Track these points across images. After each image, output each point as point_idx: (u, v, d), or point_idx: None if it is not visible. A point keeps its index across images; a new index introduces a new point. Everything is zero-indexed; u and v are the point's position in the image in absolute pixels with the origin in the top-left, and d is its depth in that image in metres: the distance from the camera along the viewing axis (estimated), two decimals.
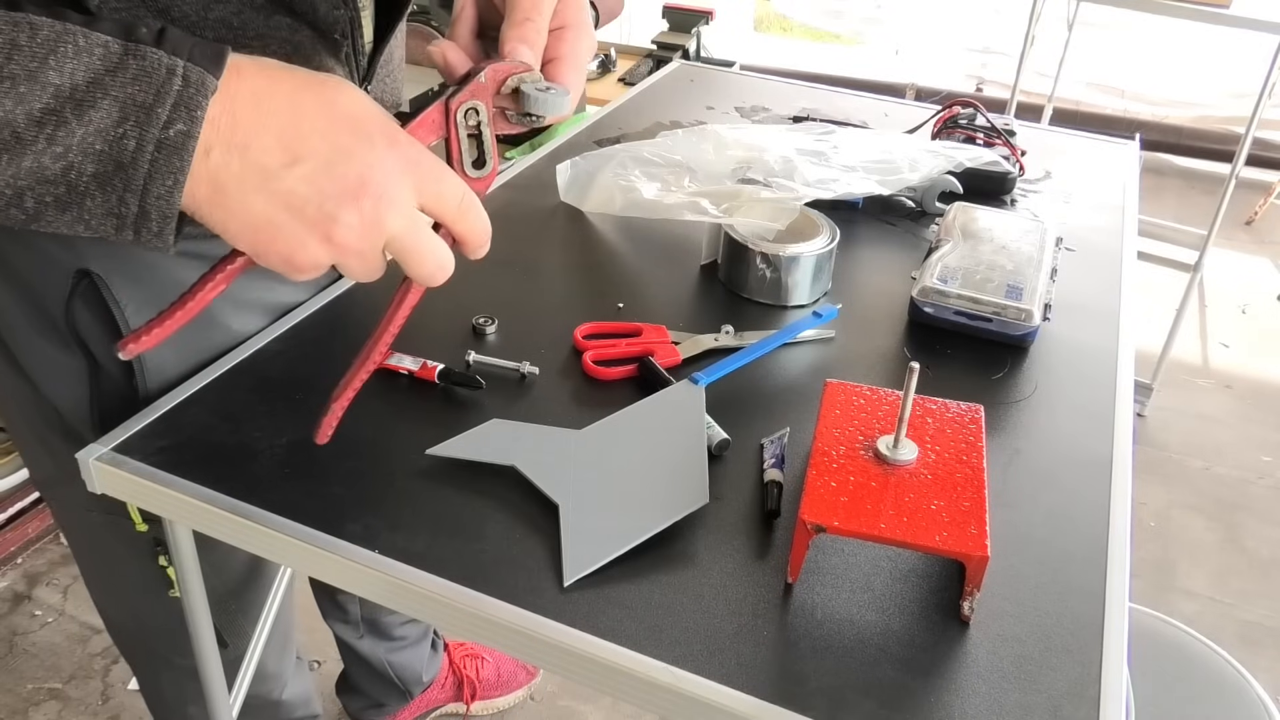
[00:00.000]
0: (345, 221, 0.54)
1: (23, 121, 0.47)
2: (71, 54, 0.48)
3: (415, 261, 0.57)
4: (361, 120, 0.54)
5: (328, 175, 0.53)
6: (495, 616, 0.61)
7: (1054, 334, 0.93)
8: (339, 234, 0.54)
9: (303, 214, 0.53)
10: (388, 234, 0.55)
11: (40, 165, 0.49)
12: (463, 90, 0.59)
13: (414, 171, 0.55)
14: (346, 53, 0.76)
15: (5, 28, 0.47)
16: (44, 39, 0.48)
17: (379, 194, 0.54)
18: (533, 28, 0.63)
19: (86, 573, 1.02)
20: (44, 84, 0.48)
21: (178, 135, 0.50)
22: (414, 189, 0.56)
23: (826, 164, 1.10)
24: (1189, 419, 2.51)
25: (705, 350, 0.87)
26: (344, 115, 0.54)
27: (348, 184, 0.53)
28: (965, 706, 0.57)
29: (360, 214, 0.54)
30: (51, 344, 0.79)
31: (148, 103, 0.49)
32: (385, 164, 0.54)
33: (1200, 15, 2.20)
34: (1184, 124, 3.92)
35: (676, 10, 2.81)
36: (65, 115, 0.48)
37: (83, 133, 0.49)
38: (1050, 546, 0.69)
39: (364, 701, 1.57)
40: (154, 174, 0.50)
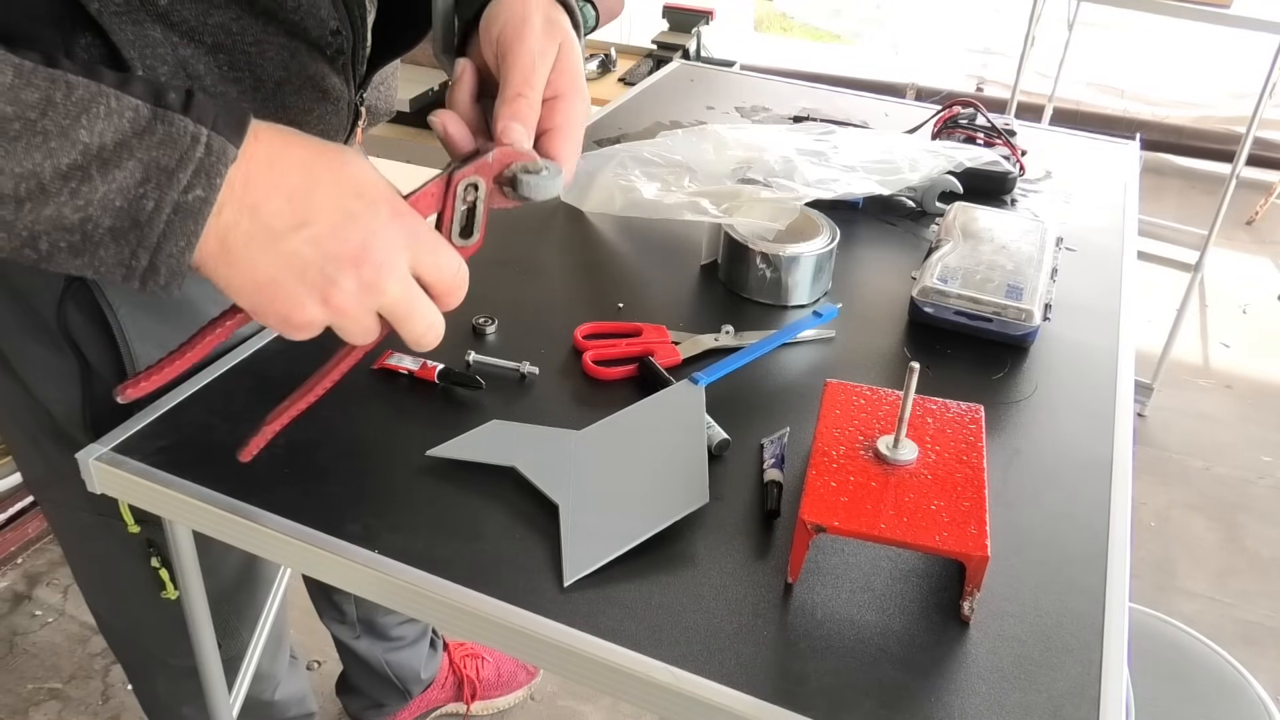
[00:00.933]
0: (344, 286, 0.56)
1: (49, 174, 0.49)
2: (103, 115, 0.50)
3: (407, 326, 0.59)
4: (368, 189, 0.56)
5: (332, 239, 0.55)
6: (495, 616, 0.61)
7: (1054, 334, 0.93)
8: (337, 297, 0.56)
9: (304, 276, 0.55)
10: (384, 300, 0.57)
11: (60, 214, 0.50)
12: (467, 167, 0.61)
13: (413, 242, 0.57)
14: (344, 64, 0.76)
15: (43, 84, 0.49)
16: (78, 98, 0.50)
17: (379, 261, 0.56)
18: (525, 104, 0.64)
19: (79, 574, 1.02)
20: (74, 141, 0.49)
21: (195, 200, 0.52)
22: (412, 258, 0.58)
23: (826, 164, 1.10)
24: (1189, 419, 2.51)
25: (705, 350, 0.87)
26: (352, 184, 0.56)
27: (350, 249, 0.55)
28: (965, 706, 0.57)
29: (359, 279, 0.56)
30: (44, 346, 0.79)
31: (170, 167, 0.51)
32: (388, 232, 0.56)
33: (1200, 15, 2.20)
34: (1184, 124, 3.91)
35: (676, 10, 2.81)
36: (90, 172, 0.50)
37: (105, 190, 0.50)
38: (1050, 546, 0.69)
39: (364, 702, 1.57)
40: (168, 234, 0.52)
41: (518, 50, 0.66)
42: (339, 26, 0.73)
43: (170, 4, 0.64)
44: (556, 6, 0.71)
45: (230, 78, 0.69)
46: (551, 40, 0.68)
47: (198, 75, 0.67)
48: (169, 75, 0.66)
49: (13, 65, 0.48)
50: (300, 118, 0.75)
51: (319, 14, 0.70)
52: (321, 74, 0.74)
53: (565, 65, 0.68)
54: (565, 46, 0.68)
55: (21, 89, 0.49)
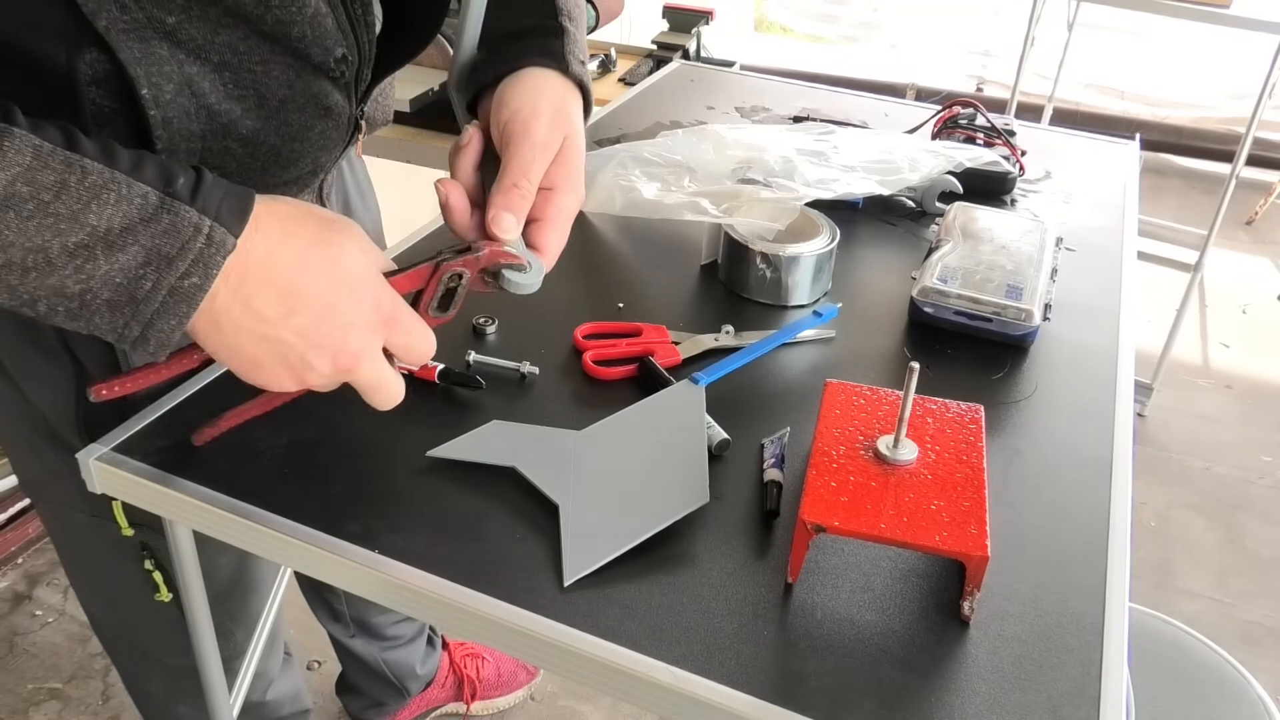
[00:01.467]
0: (320, 370, 0.61)
1: (57, 250, 0.53)
2: (113, 201, 0.53)
3: (372, 397, 0.65)
4: (357, 282, 0.61)
5: (316, 332, 0.60)
6: (495, 616, 0.61)
7: (1054, 334, 0.93)
8: (312, 378, 0.62)
9: (286, 359, 0.60)
10: (353, 379, 0.63)
11: (62, 284, 0.54)
12: (456, 260, 0.66)
13: (389, 328, 0.63)
14: (346, 83, 0.76)
15: (59, 168, 0.52)
16: (91, 184, 0.53)
17: (355, 352, 0.61)
18: (519, 195, 0.68)
19: (73, 574, 1.02)
20: (83, 224, 0.53)
21: (190, 286, 0.56)
22: (386, 340, 0.63)
23: (826, 164, 1.10)
24: (1189, 419, 2.51)
25: (705, 350, 0.87)
26: (342, 277, 0.60)
27: (332, 342, 0.60)
28: (965, 706, 0.57)
29: (335, 365, 0.61)
30: (38, 350, 0.79)
31: (171, 255, 0.55)
32: (368, 323, 0.61)
33: (1200, 15, 2.20)
34: (1184, 124, 3.91)
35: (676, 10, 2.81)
36: (95, 252, 0.53)
37: (107, 268, 0.54)
38: (1050, 547, 0.69)
39: (364, 701, 1.57)
40: (162, 313, 0.56)
41: (521, 142, 0.69)
42: (345, 53, 0.73)
43: (178, 22, 0.64)
44: (572, 92, 0.74)
45: (234, 95, 0.69)
46: (556, 134, 0.71)
47: (202, 93, 0.67)
48: (174, 93, 0.66)
49: (32, 147, 0.51)
50: (301, 134, 0.75)
51: (325, 42, 0.71)
52: (325, 92, 0.74)
53: (565, 159, 0.71)
54: (569, 141, 0.71)
55: (39, 171, 0.51)
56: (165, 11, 0.64)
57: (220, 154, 0.70)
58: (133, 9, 0.63)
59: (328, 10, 0.69)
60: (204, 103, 0.68)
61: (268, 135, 0.72)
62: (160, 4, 0.63)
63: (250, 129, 0.71)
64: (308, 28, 0.69)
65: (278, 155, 0.74)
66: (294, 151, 0.75)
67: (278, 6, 0.66)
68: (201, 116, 0.68)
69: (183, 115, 0.67)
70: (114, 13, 0.62)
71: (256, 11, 0.66)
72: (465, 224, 0.68)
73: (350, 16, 0.72)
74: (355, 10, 0.72)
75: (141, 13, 0.63)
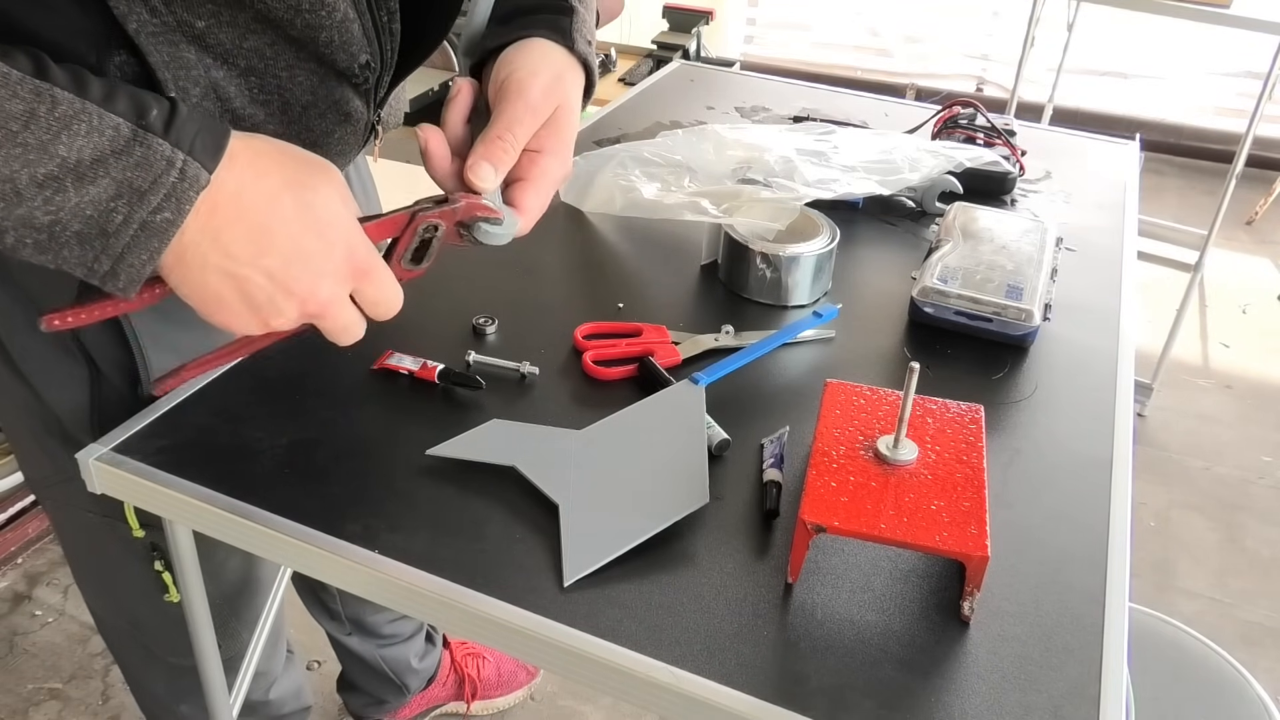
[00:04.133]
0: (286, 314, 0.60)
1: (25, 181, 0.51)
2: (84, 132, 0.52)
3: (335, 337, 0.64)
4: (328, 228, 0.60)
5: (285, 274, 0.59)
6: (495, 616, 0.61)
7: (1054, 334, 0.93)
8: (277, 321, 0.61)
9: (252, 300, 0.59)
10: (321, 323, 0.63)
11: (31, 215, 0.52)
12: (433, 211, 0.66)
13: (360, 277, 0.62)
14: (366, 90, 0.77)
15: (28, 96, 0.51)
16: (61, 114, 0.51)
17: (325, 299, 0.61)
18: (501, 147, 0.67)
19: (79, 574, 1.02)
20: (52, 155, 0.51)
21: (162, 221, 0.55)
22: (355, 290, 0.62)
23: (826, 164, 1.10)
24: (1189, 419, 2.51)
25: (705, 350, 0.87)
26: (314, 221, 0.59)
27: (300, 287, 0.59)
28: (965, 706, 0.57)
29: (302, 311, 0.61)
30: (53, 350, 0.79)
31: (142, 188, 0.53)
32: (339, 272, 0.60)
33: (1200, 15, 2.20)
34: (1184, 124, 3.91)
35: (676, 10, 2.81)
36: (65, 184, 0.52)
37: (77, 200, 0.52)
38: (1050, 546, 0.69)
39: (364, 699, 1.57)
40: (132, 247, 0.55)
41: (514, 99, 0.69)
42: (369, 60, 0.73)
43: (208, 27, 0.65)
44: (574, 68, 0.74)
45: (259, 100, 0.70)
46: (550, 99, 0.71)
47: (228, 97, 0.68)
48: (200, 97, 0.67)
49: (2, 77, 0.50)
50: (322, 140, 0.76)
51: (350, 48, 0.71)
52: (346, 99, 0.75)
53: (556, 125, 0.71)
54: (563, 109, 0.72)
55: (6, 100, 0.50)
56: (195, 16, 0.64)
57: None
58: (163, 12, 0.63)
59: (354, 17, 0.70)
60: (229, 107, 0.68)
61: (289, 140, 0.73)
62: (190, 8, 0.64)
63: (272, 133, 0.71)
64: (335, 33, 0.69)
65: None
66: None
67: (308, 11, 0.66)
68: (225, 120, 0.69)
69: None
70: (144, 16, 0.63)
71: (286, 16, 0.66)
72: (445, 171, 0.69)
73: (376, 24, 0.72)
74: (381, 18, 0.72)
75: (172, 16, 0.63)
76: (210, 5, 0.64)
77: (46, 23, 0.62)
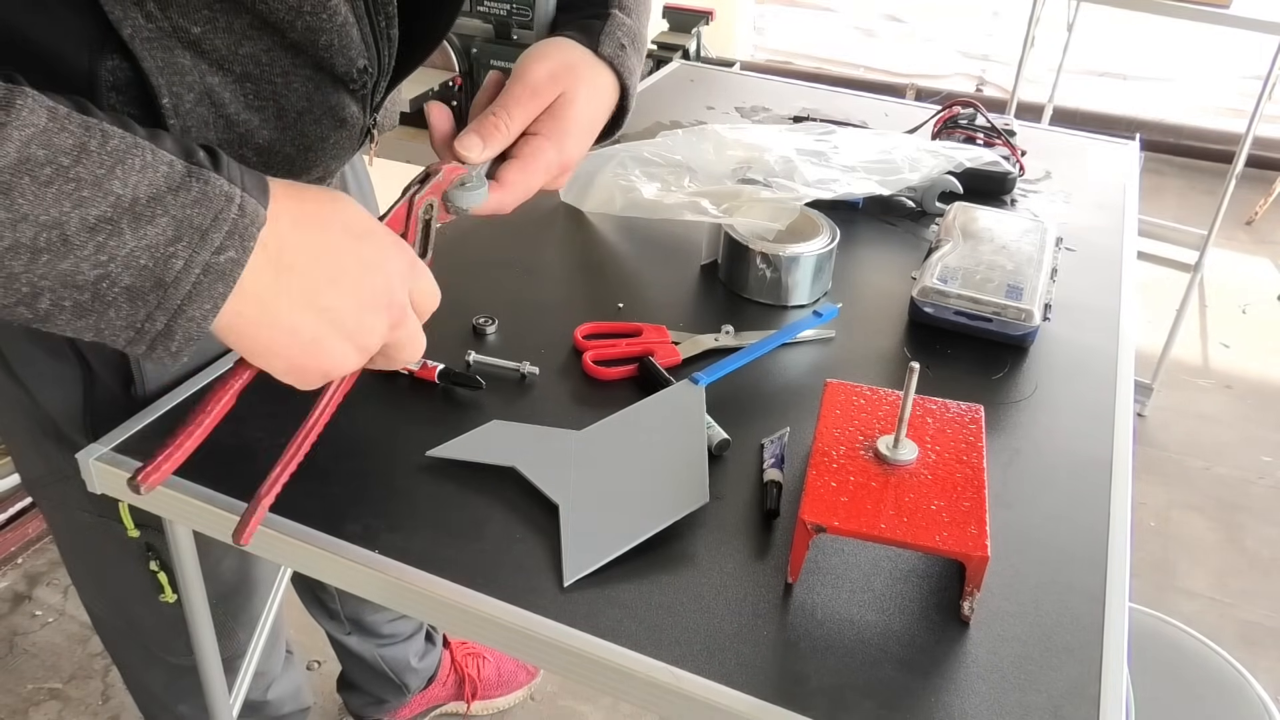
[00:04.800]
0: (377, 329, 0.58)
1: (75, 225, 0.47)
2: (138, 167, 0.48)
3: (409, 352, 0.62)
4: (369, 232, 0.58)
5: (361, 288, 0.56)
6: (495, 616, 0.61)
7: (1054, 334, 0.93)
8: (368, 340, 0.58)
9: (343, 327, 0.56)
10: (401, 332, 0.60)
11: (77, 270, 0.47)
12: (425, 188, 0.65)
13: (411, 272, 0.60)
14: (363, 95, 0.77)
15: (78, 131, 0.47)
16: (113, 148, 0.48)
17: (401, 302, 0.59)
18: (494, 123, 0.68)
19: (76, 574, 1.02)
20: (106, 192, 0.47)
21: (227, 262, 0.50)
22: (412, 288, 0.60)
23: (826, 164, 1.10)
24: (1189, 419, 2.51)
25: (705, 350, 0.87)
26: (359, 230, 0.57)
27: (378, 295, 0.57)
28: (965, 706, 0.57)
29: (389, 320, 0.58)
30: (47, 351, 0.79)
31: (204, 226, 0.50)
32: (401, 271, 0.58)
33: (1200, 15, 2.20)
34: (1184, 124, 3.91)
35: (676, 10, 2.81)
36: (121, 226, 0.48)
37: (133, 245, 0.48)
38: (1050, 547, 0.69)
39: (364, 699, 1.57)
40: (194, 296, 0.50)
41: (514, 82, 0.70)
42: (367, 65, 0.73)
43: (203, 33, 0.64)
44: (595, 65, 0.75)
45: (254, 106, 0.69)
46: (554, 85, 0.71)
47: (222, 103, 0.68)
48: (194, 103, 0.66)
49: (47, 109, 0.47)
50: (317, 144, 0.76)
51: (349, 53, 0.71)
52: (342, 104, 0.75)
53: (557, 111, 0.71)
54: (566, 97, 0.72)
55: (56, 133, 0.46)
56: (190, 21, 0.63)
57: None
58: (158, 18, 0.62)
59: (354, 21, 0.70)
60: (223, 112, 0.68)
61: (284, 145, 0.73)
62: (186, 14, 0.63)
63: (267, 139, 0.71)
64: (335, 36, 0.69)
65: (291, 164, 0.75)
66: (308, 161, 0.76)
67: (309, 14, 0.66)
68: (220, 125, 0.68)
69: (201, 124, 0.67)
70: (139, 21, 0.62)
71: (287, 19, 0.65)
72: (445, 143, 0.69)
73: (375, 29, 0.72)
74: (379, 23, 0.72)
75: (167, 22, 0.63)
76: (206, 11, 0.63)
77: (40, 26, 0.62)
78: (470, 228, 1.05)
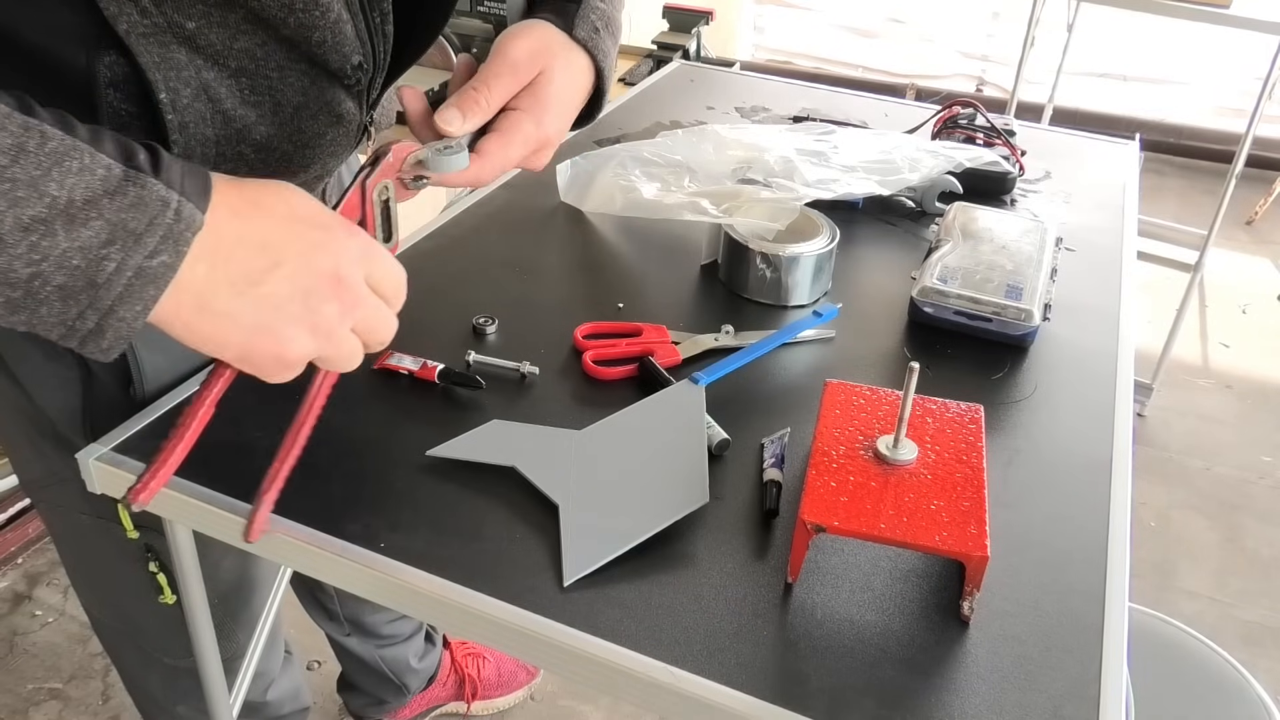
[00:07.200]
0: (326, 312, 0.57)
1: (9, 225, 0.47)
2: (75, 170, 0.49)
3: (378, 335, 0.61)
4: (319, 216, 0.58)
5: (307, 273, 0.56)
6: (495, 616, 0.61)
7: (1054, 334, 0.93)
8: (320, 323, 0.57)
9: (288, 311, 0.56)
10: (360, 315, 0.59)
11: (9, 267, 0.48)
12: (375, 172, 0.64)
13: (367, 256, 0.59)
14: (359, 92, 0.77)
15: (17, 131, 0.48)
16: (51, 150, 0.48)
17: (352, 284, 0.57)
18: (473, 97, 0.68)
19: (74, 575, 1.02)
20: (42, 193, 0.48)
21: (160, 266, 0.51)
22: (367, 272, 0.59)
23: (826, 164, 1.10)
24: (1189, 419, 2.51)
25: (705, 350, 0.87)
26: (303, 215, 0.57)
27: (325, 278, 0.56)
28: (965, 706, 0.57)
29: (339, 303, 0.57)
30: (45, 352, 0.79)
31: (138, 231, 0.50)
32: (350, 253, 0.58)
33: (1200, 15, 2.20)
34: (1184, 124, 3.91)
35: (676, 10, 2.81)
36: (54, 227, 0.48)
37: (66, 246, 0.49)
38: (1050, 547, 0.69)
39: (364, 699, 1.57)
40: (125, 298, 0.51)
41: (493, 58, 0.70)
42: (362, 61, 0.74)
43: (198, 27, 0.64)
44: (571, 47, 0.76)
45: (250, 101, 0.70)
46: (533, 63, 0.72)
47: (218, 98, 0.68)
48: (191, 98, 0.66)
49: None
50: (314, 141, 0.76)
51: (343, 49, 0.71)
52: (338, 100, 0.75)
53: (537, 88, 0.72)
54: (545, 75, 0.73)
55: None
56: (185, 16, 0.64)
57: (234, 158, 0.71)
58: (153, 13, 0.63)
59: (348, 18, 0.70)
60: (220, 108, 0.68)
61: (281, 142, 0.73)
62: (181, 9, 0.63)
63: (264, 135, 0.71)
64: (328, 33, 0.69)
65: (289, 161, 0.75)
66: (305, 158, 0.76)
67: (301, 10, 0.66)
68: (217, 121, 0.68)
69: (199, 120, 0.67)
70: (134, 17, 0.62)
71: (279, 15, 0.66)
72: (420, 123, 0.70)
73: (369, 25, 0.72)
74: (374, 19, 0.72)
75: (162, 17, 0.63)
76: (201, 6, 0.64)
77: (36, 23, 0.62)
78: (471, 227, 1.05)
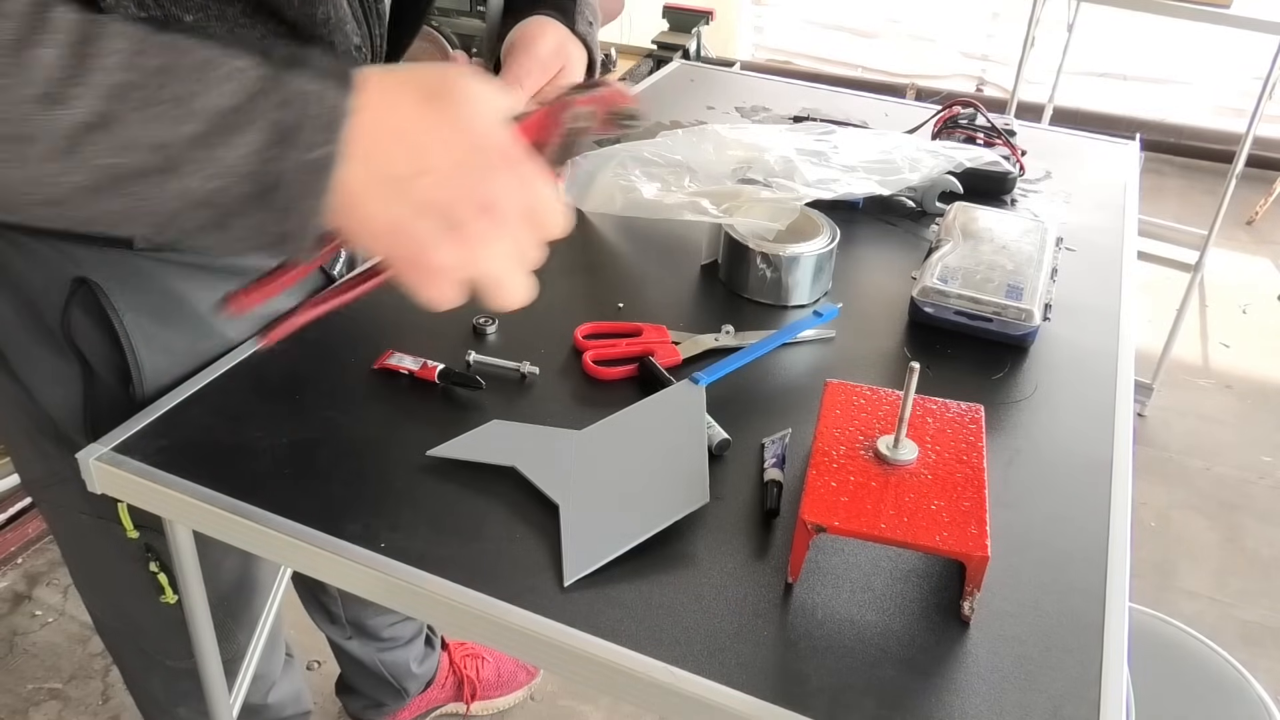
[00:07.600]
0: (471, 228, 0.55)
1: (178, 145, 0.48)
2: (219, 79, 0.49)
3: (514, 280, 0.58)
4: (481, 137, 0.55)
5: (451, 186, 0.54)
6: (495, 616, 0.61)
7: (1054, 334, 0.93)
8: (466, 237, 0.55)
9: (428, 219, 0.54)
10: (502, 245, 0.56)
11: (187, 189, 0.49)
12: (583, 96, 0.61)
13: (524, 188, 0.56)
14: None
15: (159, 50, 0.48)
16: (193, 62, 0.49)
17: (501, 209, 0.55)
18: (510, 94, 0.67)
19: (76, 575, 1.02)
20: (196, 111, 0.48)
21: (323, 156, 0.51)
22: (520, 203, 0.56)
23: (826, 164, 1.10)
24: (1189, 419, 2.51)
25: (705, 350, 0.87)
26: (465, 131, 0.55)
27: (471, 196, 0.54)
28: (965, 706, 0.57)
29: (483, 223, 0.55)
30: (47, 350, 0.79)
31: (293, 126, 0.50)
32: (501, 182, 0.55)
33: (1200, 15, 2.20)
34: (1184, 124, 3.91)
35: (676, 10, 2.81)
36: (214, 141, 0.49)
37: (233, 157, 0.49)
38: (1050, 547, 0.69)
39: (363, 702, 1.57)
40: (300, 195, 0.51)
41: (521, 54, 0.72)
42: (360, 43, 0.74)
43: (196, 21, 0.64)
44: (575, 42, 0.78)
45: None
46: (557, 59, 0.75)
47: None
48: None
49: (127, 33, 0.48)
50: None
51: (345, 28, 0.71)
52: None
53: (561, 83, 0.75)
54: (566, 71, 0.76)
55: (138, 56, 0.48)
56: (183, 10, 0.63)
57: None
58: (150, 6, 0.62)
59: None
60: None
61: None
62: (178, 2, 0.63)
63: None
64: (331, 9, 0.69)
65: None
66: None
67: None
68: None
69: None
70: (131, 10, 0.62)
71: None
72: None
73: (364, 6, 0.73)
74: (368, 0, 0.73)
75: (159, 10, 0.63)
76: None
77: None
78: None
